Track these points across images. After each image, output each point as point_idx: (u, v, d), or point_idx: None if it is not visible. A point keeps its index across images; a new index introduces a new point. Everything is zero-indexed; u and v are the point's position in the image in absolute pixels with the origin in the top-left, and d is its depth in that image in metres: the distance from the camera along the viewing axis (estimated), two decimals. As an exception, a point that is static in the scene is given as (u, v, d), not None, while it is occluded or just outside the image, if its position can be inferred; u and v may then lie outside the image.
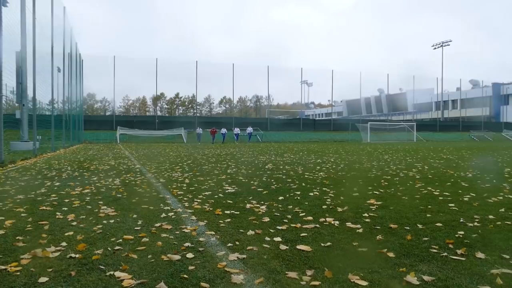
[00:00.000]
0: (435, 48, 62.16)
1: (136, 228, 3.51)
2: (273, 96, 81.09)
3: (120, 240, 3.11)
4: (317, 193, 5.45)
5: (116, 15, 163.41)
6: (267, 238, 3.17)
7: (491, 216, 3.99)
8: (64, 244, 3.00)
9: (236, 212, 4.19)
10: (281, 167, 9.47)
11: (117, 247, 2.92)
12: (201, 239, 3.16)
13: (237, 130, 35.90)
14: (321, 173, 8.04)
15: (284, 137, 35.77)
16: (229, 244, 3.01)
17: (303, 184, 6.43)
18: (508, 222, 3.74)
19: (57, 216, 3.99)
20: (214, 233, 3.35)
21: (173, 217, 3.99)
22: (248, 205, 4.57)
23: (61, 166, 9.80)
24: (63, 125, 20.69)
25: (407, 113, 67.85)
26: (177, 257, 2.70)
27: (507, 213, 4.18)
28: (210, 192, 5.58)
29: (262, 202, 4.75)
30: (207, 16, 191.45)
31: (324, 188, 5.91)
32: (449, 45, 60.24)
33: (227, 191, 5.72)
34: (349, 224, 3.66)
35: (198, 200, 4.92)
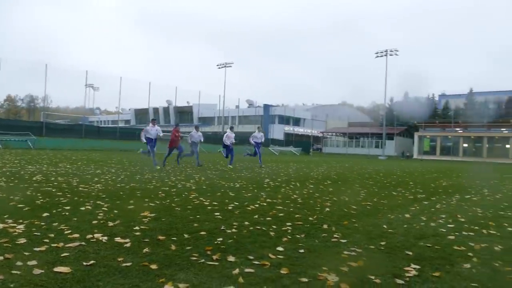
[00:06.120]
0: (219, 68, 67.91)
1: None
2: (51, 98, 72.72)
3: None
4: (90, 207, 5.16)
5: None
6: (19, 263, 2.82)
7: (246, 223, 4.62)
8: None
9: (-17, 235, 3.56)
10: (53, 178, 8.56)
11: None
12: None
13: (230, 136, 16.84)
14: (99, 185, 7.65)
15: (62, 144, 32.42)
16: (-34, 275, 2.54)
17: (76, 197, 5.98)
18: (258, 227, 4.40)
19: None
20: None
21: None
22: (1, 225, 3.95)
23: None
24: None
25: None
26: None
27: (259, 219, 4.91)
28: (-50, 211, 4.56)
29: (21, 221, 4.18)
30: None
31: (98, 202, 5.64)
32: (231, 66, 66.84)
33: (-25, 209, 4.80)
34: (118, 239, 3.61)
35: None
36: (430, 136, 60.41)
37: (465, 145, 58.36)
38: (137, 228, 4.08)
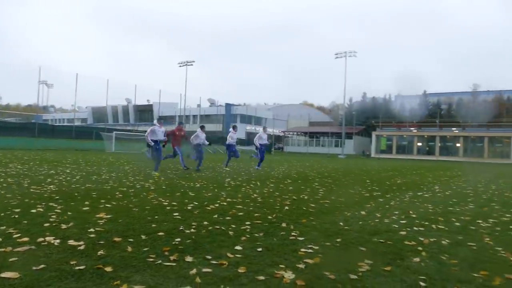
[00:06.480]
0: (180, 66, 66.97)
1: None
2: (1, 94, 69.14)
3: None
4: (41, 210, 4.95)
5: None
6: (-38, 270, 2.67)
7: (206, 222, 4.60)
8: None
9: None
10: (2, 180, 8.13)
11: None
12: None
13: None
14: (52, 186, 7.36)
15: (13, 143, 30.87)
16: None
17: (27, 199, 5.72)
18: (217, 227, 4.40)
19: None
20: None
21: None
22: None
23: None
24: None
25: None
26: None
27: (219, 218, 4.91)
28: None
29: (-35, 225, 3.96)
30: None
31: (51, 203, 5.42)
32: (192, 64, 66.10)
33: None
34: (71, 241, 3.50)
35: None
36: (386, 136, 62.57)
37: (419, 144, 60.93)
38: (92, 230, 3.97)
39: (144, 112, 76.51)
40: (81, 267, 2.83)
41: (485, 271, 3.14)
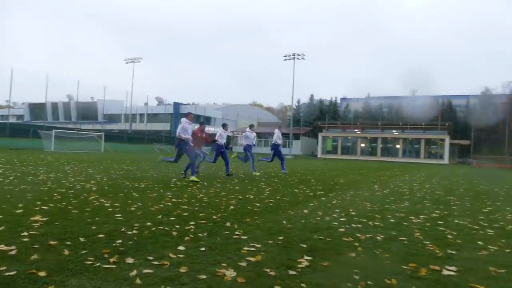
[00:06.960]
0: (127, 63, 64.93)
1: None
2: None
3: None
4: (-31, 213, 4.63)
5: None
6: None
7: (149, 223, 4.53)
8: None
9: None
10: None
11: None
12: None
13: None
14: (-18, 188, 6.88)
15: None
16: None
17: (-48, 202, 5.32)
18: (161, 227, 4.35)
19: None
20: None
21: None
22: None
23: None
24: None
25: (96, 123, 67.65)
26: None
27: (163, 219, 4.85)
28: None
29: None
30: None
31: (-20, 206, 5.08)
32: (139, 62, 64.31)
33: None
34: (1, 246, 3.31)
35: None
36: (332, 137, 64.69)
37: (363, 145, 63.61)
38: (25, 233, 3.77)
39: (88, 110, 73.32)
40: (12, 273, 2.69)
41: (413, 263, 3.38)
